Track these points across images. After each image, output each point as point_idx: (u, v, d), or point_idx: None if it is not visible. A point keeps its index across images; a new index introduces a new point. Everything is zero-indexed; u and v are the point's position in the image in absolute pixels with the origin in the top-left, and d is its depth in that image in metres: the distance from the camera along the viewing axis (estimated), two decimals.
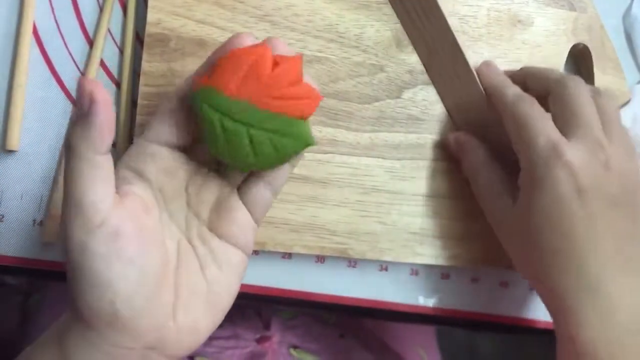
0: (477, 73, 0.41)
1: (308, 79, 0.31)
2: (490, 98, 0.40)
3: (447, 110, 0.42)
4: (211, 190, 0.32)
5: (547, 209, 0.34)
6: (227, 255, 0.32)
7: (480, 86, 0.40)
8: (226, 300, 0.32)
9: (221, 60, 0.30)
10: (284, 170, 0.33)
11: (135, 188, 0.30)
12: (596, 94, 0.37)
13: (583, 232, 0.34)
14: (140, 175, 0.30)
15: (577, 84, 0.37)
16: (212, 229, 0.32)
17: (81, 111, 0.25)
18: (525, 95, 0.37)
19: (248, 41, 0.30)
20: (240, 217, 0.32)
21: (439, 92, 0.42)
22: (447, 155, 0.42)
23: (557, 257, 0.35)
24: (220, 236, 0.32)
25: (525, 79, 0.40)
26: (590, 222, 0.34)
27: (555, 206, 0.34)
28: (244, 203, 0.33)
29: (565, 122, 0.36)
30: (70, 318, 0.28)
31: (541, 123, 0.35)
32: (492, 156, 0.40)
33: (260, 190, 0.33)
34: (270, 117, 0.30)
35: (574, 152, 0.34)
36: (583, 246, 0.34)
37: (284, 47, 0.31)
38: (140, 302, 0.27)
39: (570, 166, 0.33)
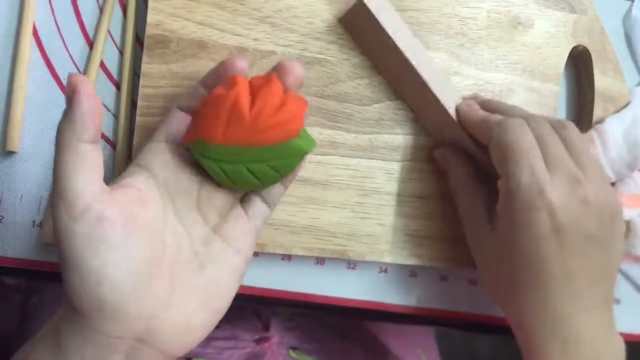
0: (457, 111, 0.39)
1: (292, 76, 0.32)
2: (473, 130, 0.38)
3: (425, 127, 0.42)
4: (220, 196, 0.34)
5: (524, 245, 0.34)
6: (227, 258, 0.33)
7: (453, 116, 0.39)
8: (223, 301, 0.33)
9: (202, 107, 0.31)
10: (279, 187, 0.36)
11: (137, 181, 0.31)
12: (560, 127, 0.36)
13: (558, 270, 0.34)
14: (147, 169, 0.32)
15: (539, 123, 0.36)
16: (216, 231, 0.33)
17: (67, 102, 0.27)
18: (512, 121, 0.36)
19: (239, 65, 0.32)
20: (242, 223, 0.34)
21: (412, 109, 0.42)
22: None
23: (529, 292, 0.35)
24: (223, 239, 0.33)
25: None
26: (565, 260, 0.34)
27: (532, 244, 0.34)
28: (246, 213, 0.35)
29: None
30: (65, 309, 0.29)
31: (526, 154, 0.34)
32: (474, 176, 0.40)
33: (257, 204, 0.35)
34: (262, 149, 0.31)
35: (555, 191, 0.33)
36: (557, 284, 0.34)
37: (295, 69, 0.32)
38: (126, 288, 0.28)
39: (551, 205, 0.33)
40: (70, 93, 0.27)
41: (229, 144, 0.31)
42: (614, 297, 0.36)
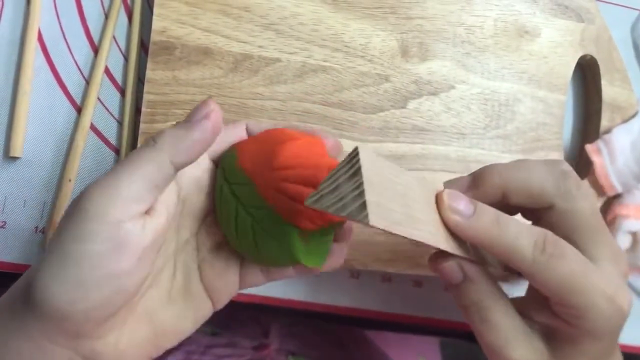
0: (455, 228, 0.28)
1: None
2: (496, 256, 0.29)
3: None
4: (221, 233, 0.31)
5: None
6: (198, 302, 0.30)
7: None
8: (171, 343, 0.30)
9: (265, 132, 0.29)
10: (286, 270, 0.31)
11: (168, 200, 0.28)
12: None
13: None
14: (176, 180, 0.29)
15: (585, 192, 0.30)
16: (200, 268, 0.31)
17: (189, 118, 0.26)
18: (551, 245, 0.28)
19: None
20: (229, 277, 0.31)
21: None
22: (451, 167, 0.42)
23: None
24: (202, 278, 0.30)
25: (506, 189, 0.31)
26: None
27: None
28: (240, 267, 0.31)
29: (586, 244, 0.30)
30: (10, 297, 0.26)
31: (590, 277, 0.28)
32: (498, 286, 0.31)
33: (254, 271, 0.31)
34: (260, 204, 0.27)
35: (628, 299, 0.30)
36: None
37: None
38: (96, 316, 0.25)
39: (626, 313, 0.30)
40: (200, 113, 0.26)
41: (245, 169, 0.28)
42: None
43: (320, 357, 0.53)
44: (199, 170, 0.30)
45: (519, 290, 0.44)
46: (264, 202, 0.27)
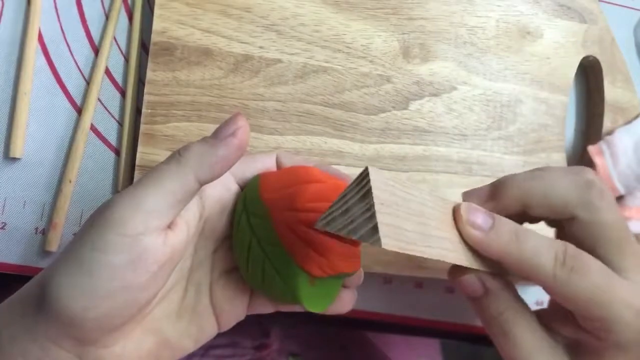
0: (475, 243, 0.28)
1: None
2: (516, 272, 0.29)
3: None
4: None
5: None
6: (204, 321, 0.30)
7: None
8: (171, 357, 0.30)
9: (294, 167, 0.29)
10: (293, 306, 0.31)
11: (189, 217, 0.28)
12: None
13: None
14: (200, 196, 0.29)
15: (609, 203, 0.29)
16: (212, 288, 0.30)
17: (216, 134, 0.26)
18: (572, 259, 0.28)
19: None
20: (239, 302, 0.31)
21: None
22: (453, 168, 0.42)
23: None
24: (212, 300, 0.30)
25: (525, 200, 0.30)
26: None
27: None
28: (250, 293, 0.31)
29: (612, 256, 0.29)
30: (22, 297, 0.26)
31: (614, 290, 0.27)
32: (520, 299, 0.31)
33: (263, 298, 0.32)
34: (274, 241, 0.27)
35: None
36: None
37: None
38: (108, 324, 0.25)
39: None
40: (228, 130, 0.26)
41: (265, 202, 0.27)
42: None
43: (321, 359, 0.53)
44: (225, 192, 0.30)
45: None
46: (277, 239, 0.27)
